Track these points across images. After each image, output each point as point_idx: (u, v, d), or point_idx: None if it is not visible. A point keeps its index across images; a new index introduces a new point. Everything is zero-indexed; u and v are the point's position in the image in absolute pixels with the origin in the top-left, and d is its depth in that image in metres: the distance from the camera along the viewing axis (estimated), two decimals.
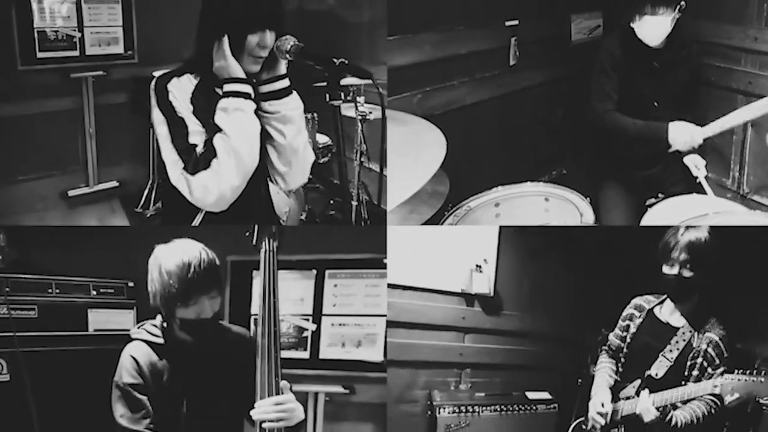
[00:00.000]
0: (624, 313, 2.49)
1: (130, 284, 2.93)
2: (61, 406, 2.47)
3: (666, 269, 2.27)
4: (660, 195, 3.17)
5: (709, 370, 2.19)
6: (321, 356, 3.01)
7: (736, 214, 2.62)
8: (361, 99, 2.22)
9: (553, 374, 3.13)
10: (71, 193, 4.56)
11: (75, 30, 4.27)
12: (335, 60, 1.80)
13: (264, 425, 1.83)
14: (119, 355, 1.97)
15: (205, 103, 1.96)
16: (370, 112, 3.60)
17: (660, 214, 2.73)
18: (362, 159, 3.87)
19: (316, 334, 3.02)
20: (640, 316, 2.42)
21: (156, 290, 1.92)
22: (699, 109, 3.25)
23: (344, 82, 2.01)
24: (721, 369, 2.17)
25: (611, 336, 2.53)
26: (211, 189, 1.89)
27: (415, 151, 2.58)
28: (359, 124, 3.69)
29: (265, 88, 2.00)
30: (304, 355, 3.02)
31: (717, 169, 3.72)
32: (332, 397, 2.98)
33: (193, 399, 1.95)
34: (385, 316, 2.94)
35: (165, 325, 2.00)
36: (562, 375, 3.07)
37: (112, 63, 4.47)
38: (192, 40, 2.08)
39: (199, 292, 1.88)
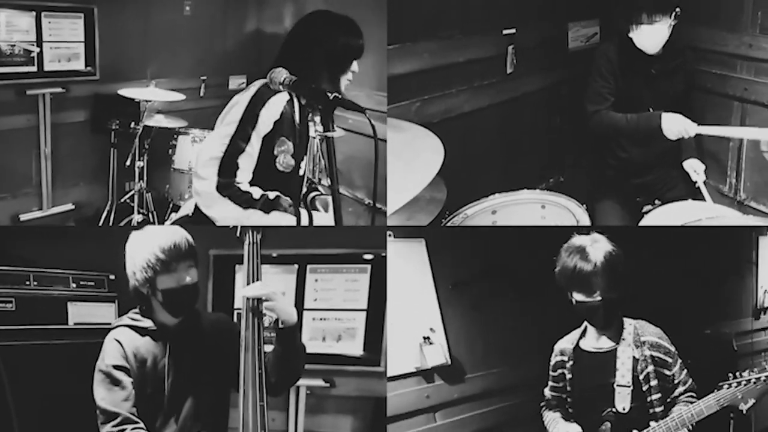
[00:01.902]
0: (552, 363, 2.27)
1: (111, 277, 2.85)
2: (41, 401, 2.42)
3: (582, 297, 2.06)
4: (657, 202, 3.20)
5: (666, 372, 2.06)
6: None
7: (730, 219, 2.65)
8: (317, 119, 2.32)
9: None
10: (23, 217, 4.25)
11: (33, 44, 4.05)
12: (329, 93, 1.87)
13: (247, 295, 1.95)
14: (101, 345, 1.99)
15: (288, 122, 2.26)
16: (335, 130, 3.65)
17: (655, 220, 2.76)
18: (320, 176, 3.98)
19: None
20: (570, 359, 2.20)
21: (136, 266, 1.97)
22: (694, 115, 3.27)
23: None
24: (678, 364, 2.06)
25: (547, 391, 2.31)
26: (214, 213, 2.18)
27: (412, 158, 2.61)
28: (317, 143, 3.80)
29: None
30: None
31: (714, 175, 3.73)
32: (313, 391, 3.03)
33: (178, 382, 1.97)
34: (365, 310, 2.99)
35: (146, 310, 2.04)
36: None
37: (72, 80, 4.26)
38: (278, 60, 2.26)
39: (177, 259, 1.95)
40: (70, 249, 2.86)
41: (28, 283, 2.60)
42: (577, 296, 2.07)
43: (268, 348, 2.01)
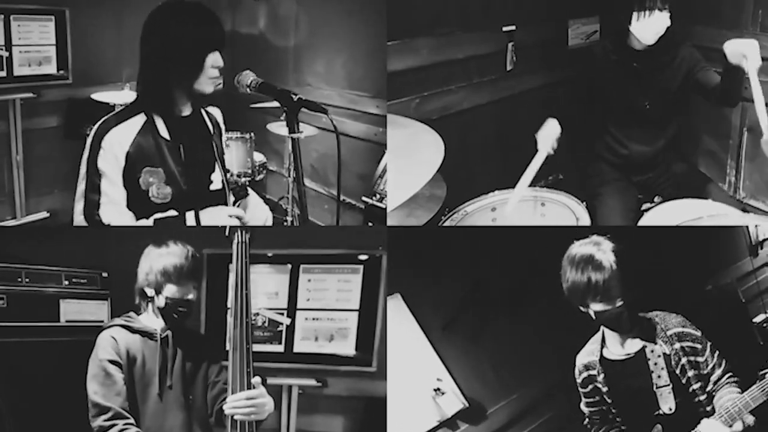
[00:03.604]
0: (580, 380, 2.19)
1: (104, 274, 2.83)
2: (33, 398, 2.42)
3: (601, 307, 1.97)
4: (657, 199, 3.19)
5: (699, 359, 2.01)
6: (295, 350, 3.05)
7: (731, 217, 2.64)
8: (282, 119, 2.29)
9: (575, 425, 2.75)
10: None
11: (2, 49, 3.93)
12: (293, 95, 1.87)
13: (235, 417, 1.88)
14: (93, 344, 2.05)
15: (150, 147, 2.04)
16: (302, 131, 3.65)
17: (655, 218, 2.75)
18: (294, 175, 3.97)
19: (291, 328, 3.05)
20: (598, 372, 2.12)
21: (152, 270, 2.11)
22: (692, 112, 3.27)
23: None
24: (708, 347, 2.01)
25: (584, 408, 2.23)
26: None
27: (412, 155, 2.60)
28: (290, 141, 3.75)
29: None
30: (279, 348, 3.06)
31: (713, 173, 3.74)
32: (305, 390, 3.04)
33: (166, 382, 2.03)
34: (358, 310, 2.98)
35: (140, 312, 2.14)
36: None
37: (44, 84, 4.14)
38: (137, 76, 2.13)
39: (188, 278, 2.11)
40: (62, 246, 2.84)
41: (20, 279, 2.57)
42: (596, 307, 1.98)
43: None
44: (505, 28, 3.77)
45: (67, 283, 2.73)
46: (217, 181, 2.19)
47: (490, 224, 2.88)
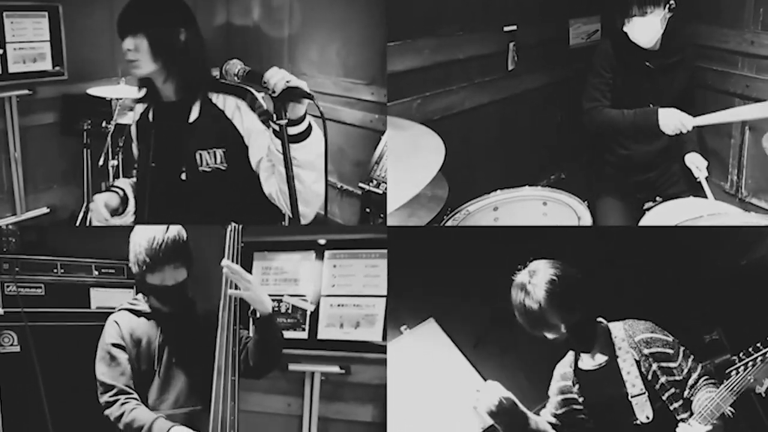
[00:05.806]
0: (555, 388, 2.19)
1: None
2: (66, 376, 2.63)
3: (550, 335, 2.00)
4: (658, 198, 3.19)
5: (671, 364, 1.97)
6: (319, 336, 3.02)
7: (731, 216, 2.64)
8: (270, 107, 2.27)
9: None
10: None
11: None
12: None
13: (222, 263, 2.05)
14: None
15: (140, 125, 2.32)
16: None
17: (656, 217, 2.75)
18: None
19: (315, 314, 3.03)
20: (574, 383, 2.13)
21: (131, 260, 2.17)
22: (696, 112, 3.27)
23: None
24: (681, 352, 1.98)
25: (550, 418, 2.20)
26: None
27: (413, 156, 2.60)
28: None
29: (290, 131, 2.01)
30: (303, 335, 3.04)
31: (715, 172, 3.74)
32: (328, 377, 3.02)
33: (169, 361, 2.15)
34: (385, 296, 2.91)
35: (144, 297, 2.24)
36: None
37: (39, 81, 4.12)
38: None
39: (163, 260, 2.12)
40: (92, 239, 3.09)
41: (55, 270, 2.89)
42: (547, 335, 2.01)
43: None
44: (506, 28, 3.78)
45: (97, 273, 3.04)
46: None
47: (492, 224, 2.89)
